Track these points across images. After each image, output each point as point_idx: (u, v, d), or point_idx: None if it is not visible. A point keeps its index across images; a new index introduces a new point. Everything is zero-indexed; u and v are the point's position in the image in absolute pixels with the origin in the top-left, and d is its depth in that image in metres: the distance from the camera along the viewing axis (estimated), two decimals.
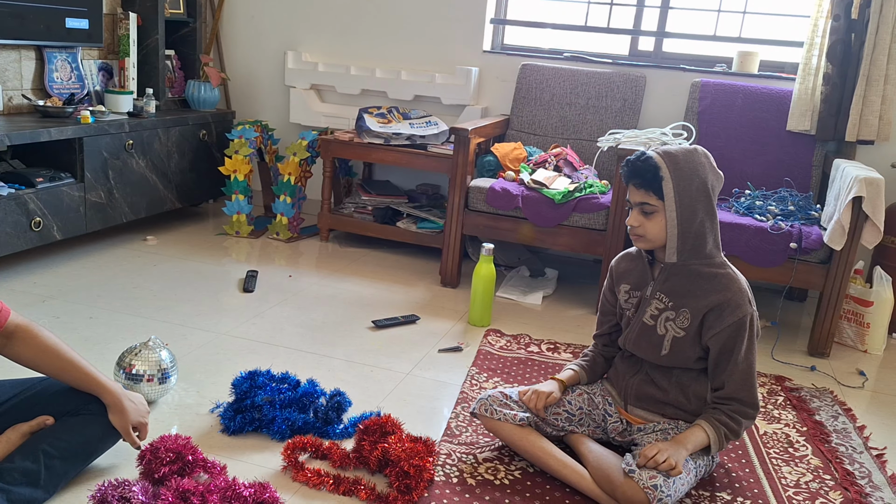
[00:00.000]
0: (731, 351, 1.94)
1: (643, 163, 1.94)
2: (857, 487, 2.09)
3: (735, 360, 1.94)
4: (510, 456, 2.09)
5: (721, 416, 1.94)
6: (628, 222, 2.00)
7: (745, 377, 1.95)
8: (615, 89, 3.75)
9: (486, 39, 4.12)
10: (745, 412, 1.95)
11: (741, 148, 3.51)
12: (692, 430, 1.93)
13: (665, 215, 1.94)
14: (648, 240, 1.99)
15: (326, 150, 3.90)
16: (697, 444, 1.92)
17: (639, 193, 1.96)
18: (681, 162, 1.93)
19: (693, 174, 1.93)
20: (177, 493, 1.66)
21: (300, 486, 1.90)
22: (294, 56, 4.35)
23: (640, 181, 1.95)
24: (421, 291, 3.43)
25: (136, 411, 1.86)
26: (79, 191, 3.35)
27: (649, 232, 1.97)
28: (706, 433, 1.92)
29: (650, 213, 1.96)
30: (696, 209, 1.94)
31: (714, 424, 1.93)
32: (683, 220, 1.94)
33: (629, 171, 1.97)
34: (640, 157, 1.95)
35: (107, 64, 3.99)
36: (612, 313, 2.21)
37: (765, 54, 3.78)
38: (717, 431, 1.92)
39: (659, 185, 1.92)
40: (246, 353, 2.63)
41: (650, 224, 1.97)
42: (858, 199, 2.79)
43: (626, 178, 1.99)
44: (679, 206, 1.92)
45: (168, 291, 3.13)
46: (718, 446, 1.94)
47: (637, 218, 1.98)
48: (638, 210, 1.98)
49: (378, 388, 2.47)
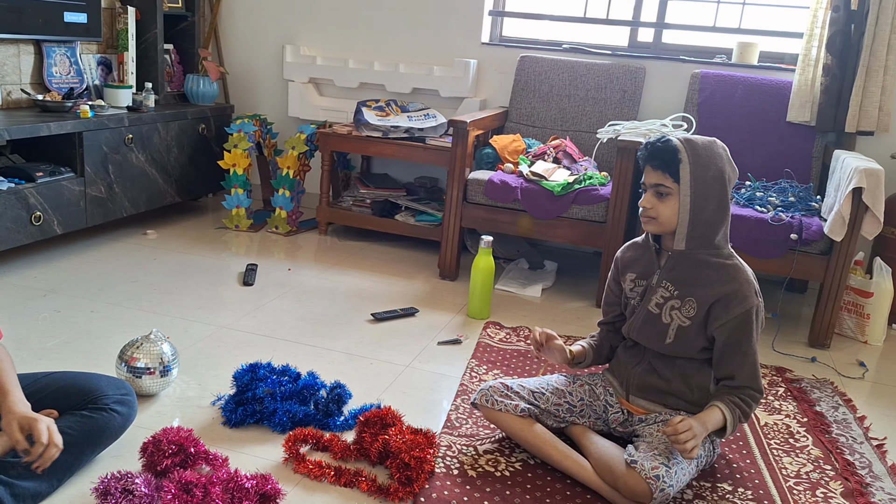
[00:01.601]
0: (739, 342, 1.94)
1: (663, 145, 1.94)
2: (858, 477, 2.10)
3: (744, 351, 1.94)
4: (511, 448, 2.10)
5: (735, 399, 1.95)
6: (641, 204, 2.00)
7: (754, 367, 1.97)
8: (614, 81, 3.75)
9: (485, 31, 4.11)
10: (754, 395, 1.97)
11: (741, 139, 3.51)
12: (710, 411, 1.93)
13: (679, 199, 1.95)
14: (660, 223, 1.99)
15: (325, 143, 3.90)
16: (716, 424, 1.92)
17: (655, 175, 1.96)
18: (699, 149, 1.94)
19: (710, 162, 1.94)
20: (179, 484, 1.67)
21: (302, 477, 1.90)
22: (292, 50, 4.34)
23: (657, 162, 1.95)
24: (420, 284, 3.43)
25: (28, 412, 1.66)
26: (79, 185, 3.35)
27: (661, 215, 1.97)
28: (723, 414, 1.93)
29: (664, 196, 1.96)
30: (710, 197, 1.94)
31: (730, 406, 1.94)
32: (696, 207, 1.94)
33: (648, 153, 1.97)
34: (660, 139, 1.96)
35: (105, 58, 3.99)
36: (617, 304, 2.21)
37: (764, 45, 3.78)
38: (733, 413, 1.93)
39: (676, 167, 1.93)
40: (246, 346, 2.63)
41: (663, 207, 1.96)
42: (858, 190, 2.79)
43: (643, 160, 1.99)
44: (693, 191, 1.93)
45: (168, 285, 3.13)
46: (733, 427, 1.94)
47: (650, 200, 1.98)
48: (652, 192, 1.98)
49: (378, 380, 2.47)
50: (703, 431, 1.88)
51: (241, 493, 1.70)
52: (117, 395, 1.89)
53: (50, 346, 2.51)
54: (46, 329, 2.64)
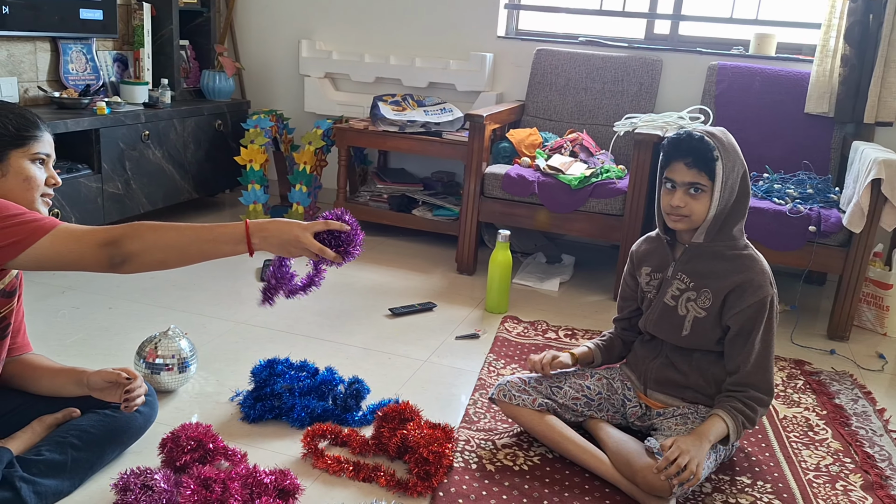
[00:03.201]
0: (748, 332, 1.93)
1: (698, 142, 1.89)
2: (878, 470, 2.08)
3: (752, 341, 1.93)
4: (529, 442, 2.10)
5: (737, 404, 1.92)
6: (673, 202, 1.94)
7: (761, 361, 1.94)
8: (631, 73, 3.73)
9: (501, 25, 4.10)
10: (760, 399, 1.94)
11: (759, 131, 3.48)
12: (711, 422, 1.90)
13: (711, 196, 1.92)
14: (692, 220, 1.96)
15: (341, 138, 3.90)
16: (718, 435, 1.90)
17: (690, 173, 1.91)
18: (725, 143, 1.91)
19: (735, 156, 1.93)
20: (198, 480, 1.67)
21: (320, 472, 1.91)
22: (308, 44, 4.34)
23: (693, 160, 1.90)
24: (437, 279, 3.43)
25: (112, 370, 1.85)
26: (96, 182, 3.37)
27: (694, 212, 1.94)
28: (725, 423, 1.91)
29: (698, 193, 1.93)
30: (734, 191, 1.93)
31: (732, 413, 1.91)
32: (722, 202, 1.92)
33: (680, 150, 1.92)
34: (691, 136, 1.91)
35: (122, 55, 4.01)
36: (633, 298, 2.20)
37: (782, 36, 3.74)
38: (735, 420, 1.91)
39: (713, 165, 1.89)
40: (264, 342, 2.64)
41: (696, 204, 1.93)
42: (877, 182, 2.76)
43: (672, 157, 1.94)
44: (724, 187, 1.91)
45: (186, 281, 3.15)
46: (736, 436, 1.92)
47: (683, 198, 1.93)
48: (684, 190, 1.93)
49: (396, 375, 2.47)
50: (703, 446, 1.84)
51: (259, 488, 1.71)
52: None
53: (69, 343, 2.53)
54: (65, 326, 2.66)
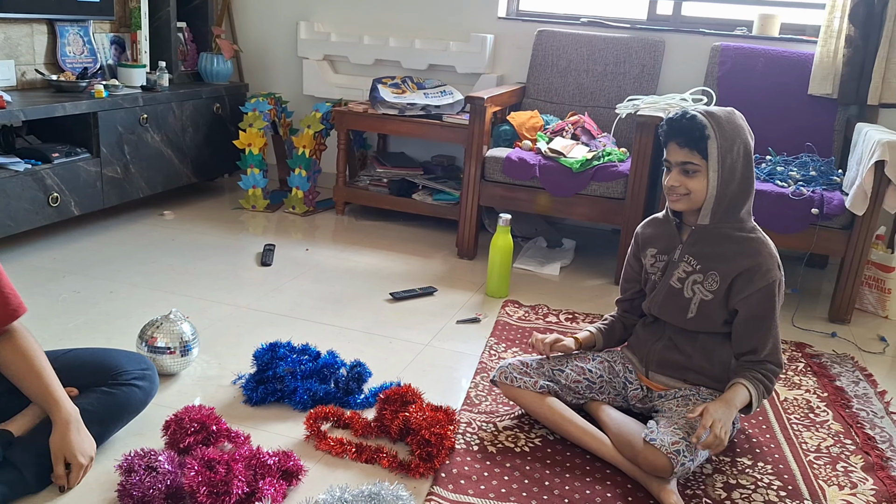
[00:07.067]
0: (762, 317, 1.93)
1: (689, 121, 1.89)
2: (878, 451, 2.08)
3: (768, 325, 1.93)
4: (530, 424, 2.10)
5: (757, 374, 1.94)
6: (668, 182, 1.96)
7: (777, 341, 1.96)
8: (633, 55, 3.70)
9: (501, 5, 4.07)
10: (776, 371, 1.97)
11: (762, 113, 3.46)
12: (735, 390, 1.91)
13: (707, 176, 1.91)
14: (691, 199, 1.95)
15: (341, 121, 3.88)
16: (742, 401, 1.91)
17: (682, 153, 1.92)
18: (724, 122, 1.90)
19: (735, 135, 1.91)
20: (202, 461, 1.67)
21: (323, 454, 1.91)
22: (306, 26, 4.31)
23: (683, 140, 1.90)
24: (438, 263, 3.42)
25: (78, 445, 1.70)
26: (95, 166, 3.36)
27: (692, 191, 1.93)
28: (748, 390, 1.91)
29: (692, 174, 1.92)
30: (735, 171, 1.92)
31: (754, 382, 1.92)
32: (723, 182, 1.91)
33: (672, 130, 1.92)
34: (684, 115, 1.91)
35: (119, 37, 3.98)
36: (636, 280, 2.19)
37: (786, 17, 3.72)
38: (758, 389, 1.92)
39: (704, 144, 1.89)
40: (266, 326, 2.64)
41: (692, 183, 1.92)
42: (881, 164, 2.75)
43: (666, 137, 1.95)
44: (721, 166, 1.90)
45: (186, 265, 3.14)
46: (758, 403, 1.93)
47: (677, 178, 1.94)
48: (678, 170, 1.94)
49: (397, 359, 2.47)
50: (731, 412, 1.86)
51: (263, 469, 1.71)
52: (137, 371, 1.91)
53: (70, 328, 2.52)
54: (66, 310, 2.66)
